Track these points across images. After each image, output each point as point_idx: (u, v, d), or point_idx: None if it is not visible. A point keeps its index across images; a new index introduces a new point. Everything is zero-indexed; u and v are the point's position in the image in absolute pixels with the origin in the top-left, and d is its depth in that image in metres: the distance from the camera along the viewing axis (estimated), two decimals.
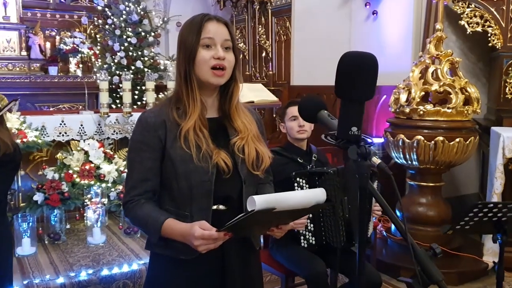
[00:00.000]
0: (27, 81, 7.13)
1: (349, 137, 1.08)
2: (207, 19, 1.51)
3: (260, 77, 6.73)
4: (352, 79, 1.07)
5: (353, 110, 1.09)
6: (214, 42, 1.50)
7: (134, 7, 7.59)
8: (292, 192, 1.42)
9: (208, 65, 1.49)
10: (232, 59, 1.53)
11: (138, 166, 1.52)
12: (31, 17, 7.48)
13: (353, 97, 1.08)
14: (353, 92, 1.08)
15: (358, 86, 1.07)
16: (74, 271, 3.24)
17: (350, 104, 1.09)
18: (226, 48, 1.52)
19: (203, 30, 1.49)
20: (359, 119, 1.10)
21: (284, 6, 6.17)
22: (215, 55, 1.49)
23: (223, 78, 1.52)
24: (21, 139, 3.68)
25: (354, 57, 1.09)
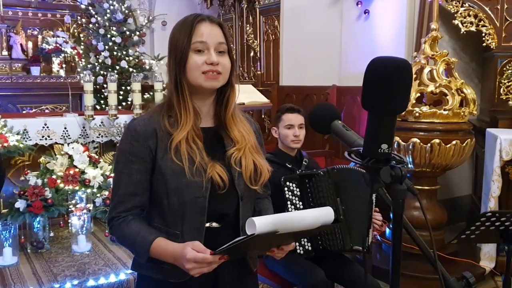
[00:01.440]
0: (9, 82, 6.93)
1: (379, 155, 0.95)
2: (199, 20, 1.39)
3: (248, 77, 6.61)
4: (388, 90, 0.92)
5: (385, 125, 0.95)
6: (207, 46, 1.37)
7: (119, 5, 7.42)
8: (297, 212, 1.30)
9: (200, 70, 1.36)
10: (227, 63, 1.41)
11: (126, 179, 1.39)
12: (12, 16, 7.25)
13: (387, 110, 0.93)
14: (388, 104, 0.93)
15: (395, 97, 0.92)
16: (59, 282, 3.09)
17: (382, 118, 0.94)
18: (220, 51, 1.39)
19: (194, 32, 1.37)
20: (391, 135, 0.96)
21: (272, 5, 6.05)
22: (207, 60, 1.36)
23: (218, 81, 1.39)
24: (2, 144, 3.51)
25: (389, 64, 0.93)
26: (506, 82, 3.98)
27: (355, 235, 2.51)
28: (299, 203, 2.50)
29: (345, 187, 2.49)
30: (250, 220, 1.13)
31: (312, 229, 1.25)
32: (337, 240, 2.47)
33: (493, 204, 3.38)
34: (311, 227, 1.23)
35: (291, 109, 2.72)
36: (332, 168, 2.54)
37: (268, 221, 1.13)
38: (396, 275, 0.99)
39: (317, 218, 1.23)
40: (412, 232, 1.05)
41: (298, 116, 2.70)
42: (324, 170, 2.51)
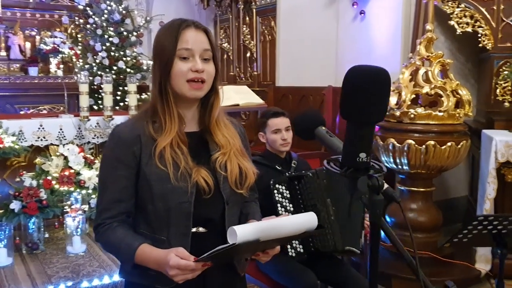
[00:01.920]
0: (6, 82, 6.94)
1: (357, 164, 0.94)
2: (185, 27, 1.38)
3: (244, 78, 6.61)
4: (364, 98, 0.91)
5: (363, 134, 0.94)
6: (192, 53, 1.37)
7: (116, 6, 7.41)
8: (280, 219, 1.28)
9: (184, 78, 1.36)
10: (212, 70, 1.41)
11: (111, 185, 1.38)
12: (10, 17, 7.26)
13: (365, 119, 0.93)
14: (365, 113, 0.92)
15: (372, 106, 0.92)
16: (53, 283, 3.08)
17: (360, 127, 0.94)
18: (206, 59, 1.39)
19: (179, 39, 1.36)
20: (369, 144, 0.96)
21: (268, 6, 6.05)
22: (192, 68, 1.36)
23: (201, 91, 1.39)
24: None
25: (367, 73, 0.92)
26: (502, 83, 3.97)
27: (347, 235, 2.50)
28: (289, 205, 2.49)
29: (335, 187, 2.48)
30: (231, 229, 1.13)
31: (296, 235, 1.24)
32: (329, 241, 2.46)
33: (489, 206, 3.37)
34: (294, 233, 1.22)
35: (276, 114, 2.71)
36: (321, 169, 2.53)
37: (250, 230, 1.13)
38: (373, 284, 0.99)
39: (300, 224, 1.23)
40: (394, 239, 1.04)
41: (284, 119, 2.69)
42: (313, 171, 2.50)
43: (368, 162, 0.94)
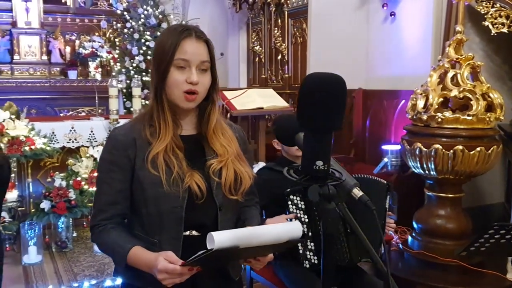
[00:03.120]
0: (47, 85, 7.22)
1: (314, 172, 0.92)
2: (185, 36, 1.38)
3: (276, 81, 6.60)
4: (316, 106, 0.90)
5: (318, 142, 0.92)
6: (189, 64, 1.37)
7: (152, 10, 7.57)
8: (262, 227, 1.26)
9: (180, 89, 1.37)
10: (207, 82, 1.41)
11: (106, 188, 1.41)
12: (51, 22, 7.55)
13: (317, 127, 0.92)
14: (317, 120, 0.91)
15: (324, 113, 0.90)
16: (78, 281, 3.18)
17: (315, 134, 0.92)
18: (203, 69, 1.39)
19: (178, 48, 1.36)
20: (326, 151, 0.93)
21: (300, 8, 6.03)
22: (188, 79, 1.36)
23: (194, 102, 1.40)
24: (29, 146, 3.65)
25: (319, 81, 0.91)
26: None
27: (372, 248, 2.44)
28: (304, 216, 2.43)
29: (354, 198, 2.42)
30: (210, 235, 1.12)
31: (279, 244, 1.22)
32: (344, 254, 2.40)
33: None
34: (276, 242, 1.20)
35: None
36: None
37: (228, 237, 1.12)
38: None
39: (281, 233, 1.20)
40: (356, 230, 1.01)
41: None
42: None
43: (326, 171, 0.92)
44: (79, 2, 7.78)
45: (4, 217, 3.42)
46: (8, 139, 3.57)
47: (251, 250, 1.19)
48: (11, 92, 6.86)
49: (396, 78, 4.76)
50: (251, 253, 1.27)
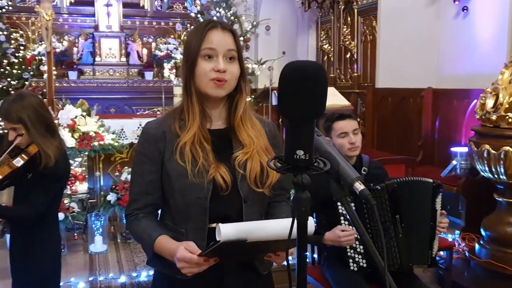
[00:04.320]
0: (125, 86, 7.61)
1: (295, 162, 0.90)
2: (210, 27, 1.41)
3: (345, 79, 6.48)
4: (292, 94, 0.89)
5: (299, 131, 0.91)
6: (216, 52, 1.39)
7: (225, 12, 7.74)
8: (269, 221, 1.25)
9: (207, 77, 1.38)
10: (236, 70, 1.42)
11: (138, 179, 1.47)
12: (130, 25, 7.94)
13: (294, 115, 0.90)
14: (294, 109, 0.89)
15: (300, 102, 0.89)
16: (137, 271, 3.33)
17: (294, 123, 0.91)
18: (230, 58, 1.40)
19: (204, 39, 1.39)
20: (306, 141, 0.91)
21: (370, 5, 5.87)
22: (215, 67, 1.38)
23: (223, 89, 1.40)
24: (98, 142, 3.87)
25: (294, 68, 0.90)
26: None
27: (417, 252, 2.34)
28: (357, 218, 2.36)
29: (406, 201, 2.31)
30: (218, 226, 1.13)
31: (291, 240, 1.20)
32: (394, 259, 2.31)
33: None
34: (285, 237, 1.18)
35: (342, 116, 2.52)
36: (392, 182, 2.36)
37: (234, 229, 1.11)
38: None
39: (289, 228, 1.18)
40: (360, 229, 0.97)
41: (350, 121, 2.50)
42: (382, 185, 2.32)
43: (308, 160, 0.88)
44: (156, 6, 8.12)
45: (73, 207, 3.66)
46: (79, 135, 3.82)
47: (262, 244, 1.18)
48: (93, 92, 7.33)
49: (468, 76, 4.50)
50: (264, 247, 1.26)
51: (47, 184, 2.14)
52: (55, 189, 2.21)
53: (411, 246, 2.32)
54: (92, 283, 3.19)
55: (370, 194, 0.93)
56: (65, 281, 3.14)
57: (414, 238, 2.33)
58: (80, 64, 7.47)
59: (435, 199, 2.37)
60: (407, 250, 2.32)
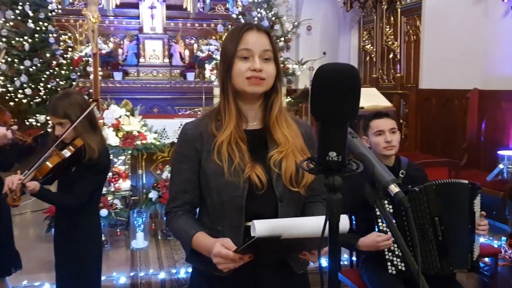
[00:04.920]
0: (168, 86, 7.77)
1: (327, 163, 0.90)
2: (246, 29, 1.44)
3: (387, 80, 6.37)
4: (325, 97, 0.89)
5: (331, 133, 0.91)
6: (252, 53, 1.41)
7: (266, 13, 7.77)
8: (303, 218, 1.25)
9: (244, 76, 1.41)
10: (272, 70, 1.43)
11: (177, 178, 1.51)
12: (173, 27, 8.12)
13: (329, 118, 0.91)
14: (327, 112, 0.90)
15: (333, 104, 0.89)
16: (176, 268, 3.39)
17: (327, 126, 0.91)
18: (266, 59, 1.42)
19: (241, 41, 1.42)
20: (339, 143, 0.91)
21: (414, 4, 5.75)
22: (251, 67, 1.40)
23: (261, 86, 1.42)
24: (141, 141, 3.97)
25: (329, 71, 0.90)
26: None
27: (457, 256, 2.28)
28: (392, 221, 2.32)
29: (444, 204, 2.27)
30: (253, 223, 1.15)
31: (324, 238, 1.19)
32: (433, 263, 2.26)
33: None
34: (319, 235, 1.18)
35: (378, 115, 2.51)
36: (431, 184, 2.31)
37: (268, 225, 1.13)
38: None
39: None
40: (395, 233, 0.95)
41: (388, 120, 2.48)
42: (421, 186, 2.29)
43: (341, 162, 0.88)
44: (198, 8, 8.26)
45: (116, 204, 3.77)
46: (123, 134, 3.93)
47: (296, 241, 1.19)
48: (137, 92, 7.53)
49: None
50: (298, 244, 1.27)
51: (90, 175, 2.27)
52: (97, 181, 2.34)
53: (451, 249, 2.27)
54: (133, 278, 3.27)
55: (404, 197, 0.91)
56: (107, 275, 3.25)
57: (453, 241, 2.27)
58: (125, 65, 7.69)
59: (473, 200, 2.31)
60: (447, 253, 2.27)
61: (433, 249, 2.24)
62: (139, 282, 3.24)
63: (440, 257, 2.26)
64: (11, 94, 6.70)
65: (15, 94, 6.71)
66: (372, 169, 0.95)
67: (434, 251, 2.25)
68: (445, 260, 2.27)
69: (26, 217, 4.67)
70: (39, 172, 2.20)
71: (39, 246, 3.82)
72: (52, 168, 2.22)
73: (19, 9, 6.76)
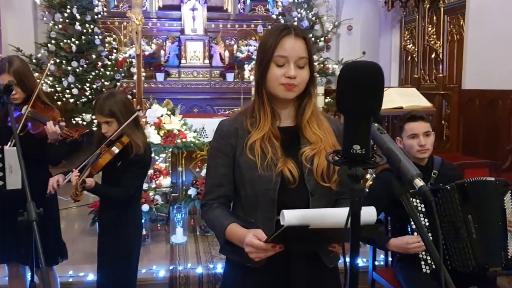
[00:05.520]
0: (208, 87, 7.89)
1: (352, 156, 0.95)
2: (285, 34, 1.47)
3: (429, 80, 6.26)
4: (350, 92, 0.95)
5: (355, 126, 0.96)
6: (288, 60, 1.46)
7: (306, 13, 7.77)
8: (334, 209, 1.29)
9: (278, 81, 1.47)
10: (305, 75, 1.49)
11: (212, 172, 1.57)
12: (214, 28, 8.23)
13: (353, 112, 0.96)
14: (352, 106, 0.95)
15: (358, 99, 0.95)
16: (213, 263, 3.48)
17: (351, 119, 0.97)
18: (300, 66, 1.47)
19: (278, 46, 1.46)
20: (363, 136, 0.96)
21: (458, 3, 5.62)
22: (286, 74, 1.45)
23: (292, 92, 1.48)
24: (181, 139, 4.08)
25: (353, 68, 0.96)
26: None
27: (490, 253, 2.25)
28: (424, 220, 2.32)
29: (478, 202, 2.27)
30: (282, 212, 1.19)
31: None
32: (468, 261, 2.24)
33: None
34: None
35: (413, 117, 2.49)
36: (463, 182, 2.31)
37: (297, 214, 1.18)
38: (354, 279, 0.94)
39: None
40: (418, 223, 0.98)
41: (422, 123, 2.47)
42: (452, 184, 2.28)
43: (364, 154, 0.92)
44: (238, 9, 8.35)
45: (157, 200, 3.89)
46: (164, 132, 4.05)
47: (325, 231, 1.23)
48: (178, 92, 7.69)
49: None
50: (327, 235, 1.30)
51: (136, 169, 2.41)
52: (142, 174, 2.51)
53: (485, 247, 2.25)
54: (171, 272, 3.37)
55: (429, 190, 0.95)
56: (148, 268, 3.37)
57: (485, 238, 2.26)
58: (167, 66, 7.87)
59: (503, 198, 2.31)
60: (481, 251, 2.25)
61: (467, 247, 2.24)
62: (178, 275, 3.33)
63: (474, 255, 2.25)
64: (59, 93, 7.00)
65: (63, 94, 7.00)
66: (398, 164, 0.97)
67: (468, 248, 2.24)
68: (480, 258, 2.25)
69: (71, 211, 4.88)
70: (93, 169, 2.35)
71: (84, 239, 3.99)
72: (105, 165, 2.36)
73: (67, 12, 7.05)
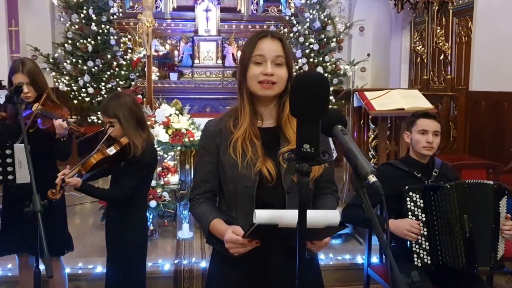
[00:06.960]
0: (220, 86, 8.03)
1: (302, 154, 1.08)
2: (261, 37, 1.61)
3: (438, 82, 6.29)
4: (298, 100, 1.09)
5: (305, 128, 1.09)
6: (265, 58, 1.58)
7: (318, 14, 7.84)
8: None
9: (256, 79, 1.58)
10: (283, 73, 1.59)
11: (199, 168, 1.70)
12: (227, 29, 8.36)
13: (302, 117, 1.10)
14: (300, 111, 1.09)
15: (304, 106, 1.08)
16: None
17: (301, 122, 1.10)
18: (278, 64, 1.58)
19: (255, 47, 1.59)
20: (312, 136, 1.09)
21: (466, 5, 5.65)
22: (263, 71, 1.57)
23: (272, 90, 1.59)
24: (189, 138, 4.21)
25: (300, 79, 1.12)
26: None
27: (480, 253, 2.34)
28: (422, 215, 2.42)
29: (474, 202, 2.36)
30: (254, 211, 1.31)
31: (320, 229, 1.33)
32: (459, 258, 2.33)
33: None
34: (315, 226, 1.31)
35: (427, 115, 2.61)
36: (463, 183, 2.40)
37: (267, 214, 1.29)
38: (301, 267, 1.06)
39: (319, 218, 1.31)
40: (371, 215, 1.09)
41: (434, 122, 2.57)
42: (452, 183, 2.38)
43: (313, 152, 1.04)
44: (251, 10, 8.47)
45: (165, 196, 4.02)
46: (172, 131, 4.19)
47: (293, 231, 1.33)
48: (191, 92, 7.86)
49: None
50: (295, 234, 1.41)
51: (133, 170, 2.47)
52: (141, 175, 2.51)
53: (476, 246, 2.34)
54: (176, 265, 3.50)
55: (380, 186, 1.04)
56: (154, 262, 3.51)
57: (477, 238, 2.35)
58: (180, 66, 8.03)
59: (498, 201, 2.38)
60: (472, 250, 2.34)
61: (459, 244, 2.34)
62: (182, 269, 3.47)
63: (465, 253, 2.34)
64: (75, 92, 7.22)
65: (79, 93, 7.21)
66: (356, 161, 1.08)
67: (461, 246, 2.34)
68: (470, 256, 2.34)
69: (86, 207, 5.07)
70: (83, 168, 2.37)
71: (95, 233, 4.15)
72: (95, 164, 2.40)
73: (83, 13, 7.25)
